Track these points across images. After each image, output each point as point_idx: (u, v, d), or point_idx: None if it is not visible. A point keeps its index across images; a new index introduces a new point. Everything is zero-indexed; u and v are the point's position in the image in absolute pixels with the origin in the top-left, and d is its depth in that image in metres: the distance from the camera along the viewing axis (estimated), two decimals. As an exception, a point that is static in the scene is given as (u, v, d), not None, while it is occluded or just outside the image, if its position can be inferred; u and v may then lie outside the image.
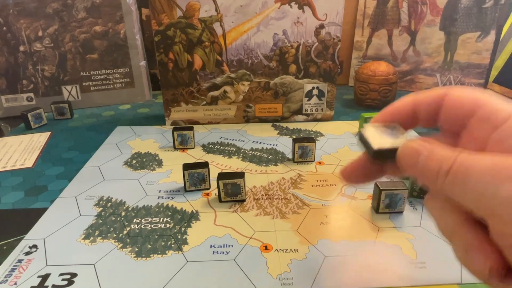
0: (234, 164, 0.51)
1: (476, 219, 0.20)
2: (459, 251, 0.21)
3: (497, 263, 0.18)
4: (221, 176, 0.41)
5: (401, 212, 0.40)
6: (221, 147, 0.56)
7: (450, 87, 0.24)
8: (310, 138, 0.51)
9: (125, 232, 0.38)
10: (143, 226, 0.39)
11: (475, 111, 0.21)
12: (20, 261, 0.34)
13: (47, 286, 0.31)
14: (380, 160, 0.24)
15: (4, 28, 0.69)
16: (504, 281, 0.19)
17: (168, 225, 0.39)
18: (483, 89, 0.21)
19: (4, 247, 0.36)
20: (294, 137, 0.57)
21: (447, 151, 0.20)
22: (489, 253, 0.19)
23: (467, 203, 0.19)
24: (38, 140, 0.61)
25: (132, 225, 0.39)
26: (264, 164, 0.51)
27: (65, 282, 0.32)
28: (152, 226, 0.39)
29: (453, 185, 0.19)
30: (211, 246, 0.36)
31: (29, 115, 0.64)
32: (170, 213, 0.41)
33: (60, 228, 0.39)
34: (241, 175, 0.41)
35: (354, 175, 0.28)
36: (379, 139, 0.24)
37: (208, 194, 0.44)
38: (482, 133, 0.21)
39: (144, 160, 0.53)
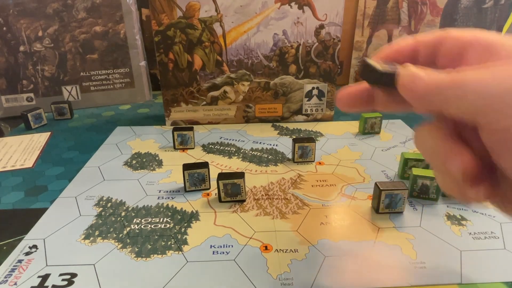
0: (234, 164, 0.51)
1: (455, 133, 0.22)
2: (439, 166, 0.23)
3: (470, 163, 0.20)
4: (221, 176, 0.41)
5: (401, 212, 0.40)
6: (221, 147, 0.56)
7: (449, 29, 0.25)
8: (310, 138, 0.51)
9: (125, 232, 0.38)
10: (143, 226, 0.39)
11: (473, 44, 0.23)
12: (20, 261, 0.34)
13: (47, 286, 0.31)
14: (381, 85, 0.26)
15: (4, 28, 0.69)
16: (473, 185, 0.21)
17: (168, 225, 0.39)
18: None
19: (4, 247, 0.36)
20: (294, 137, 0.57)
21: (442, 71, 0.21)
22: (464, 155, 0.21)
23: (462, 110, 0.20)
24: (38, 140, 0.61)
25: (132, 225, 0.39)
26: (264, 164, 0.51)
27: (65, 282, 0.32)
28: (152, 226, 0.39)
29: (451, 97, 0.20)
30: (211, 246, 0.36)
31: (29, 115, 0.64)
32: (170, 213, 0.41)
33: (60, 228, 0.39)
34: (241, 175, 0.41)
35: (348, 98, 0.29)
36: (382, 66, 0.25)
37: (208, 194, 0.44)
38: (480, 62, 0.22)
39: (144, 160, 0.53)
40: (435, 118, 0.25)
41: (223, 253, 0.35)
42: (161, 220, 0.40)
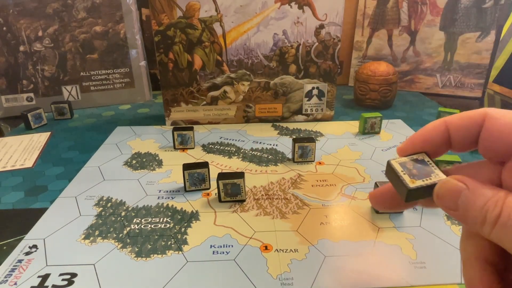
0: (234, 164, 0.51)
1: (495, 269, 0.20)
2: None
3: None
4: (221, 176, 0.41)
5: (401, 212, 0.40)
6: (221, 147, 0.56)
7: (487, 109, 0.21)
8: (310, 138, 0.51)
9: (125, 232, 0.38)
10: (143, 226, 0.39)
11: None
12: (20, 261, 0.34)
13: (47, 286, 0.31)
14: (414, 199, 0.22)
15: (4, 28, 0.69)
16: None
17: (168, 225, 0.39)
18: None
19: (4, 247, 0.36)
20: (294, 137, 0.57)
21: (490, 192, 0.18)
22: None
23: (507, 244, 0.17)
24: (38, 140, 0.61)
25: (132, 225, 0.39)
26: (264, 164, 0.51)
27: (65, 282, 0.32)
28: (152, 226, 0.39)
29: (502, 234, 0.17)
30: (211, 246, 0.36)
31: (29, 115, 0.64)
32: (170, 213, 0.41)
33: (60, 228, 0.39)
34: (240, 175, 0.41)
35: (382, 200, 0.26)
36: (411, 175, 0.22)
37: (208, 194, 0.44)
38: None
39: (144, 160, 0.53)
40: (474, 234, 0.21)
41: (223, 253, 0.35)
42: (161, 220, 0.40)
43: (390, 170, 0.23)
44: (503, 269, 0.21)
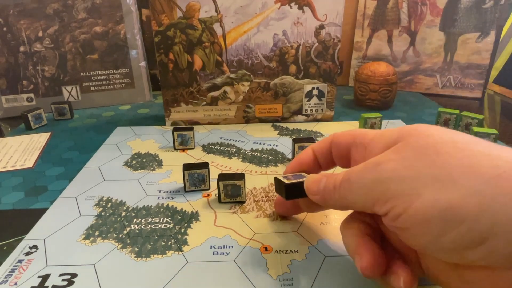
0: (234, 164, 0.51)
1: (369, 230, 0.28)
2: (351, 254, 0.28)
3: (369, 261, 0.25)
4: (221, 177, 0.41)
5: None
6: (221, 148, 0.56)
7: (335, 133, 0.31)
8: (310, 139, 0.51)
9: (125, 232, 0.38)
10: (143, 227, 0.39)
11: (352, 143, 0.29)
12: (20, 261, 0.34)
13: (47, 286, 0.31)
14: (292, 196, 0.31)
15: (5, 28, 0.70)
16: (383, 276, 0.26)
17: (168, 226, 0.39)
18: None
19: (4, 248, 0.36)
20: (294, 137, 0.57)
21: (337, 174, 0.27)
22: (364, 255, 0.25)
23: (352, 200, 0.26)
24: (38, 140, 0.61)
25: (132, 226, 0.39)
26: (264, 165, 0.51)
27: (65, 283, 0.32)
28: (152, 226, 0.39)
29: (344, 190, 0.26)
30: (211, 246, 0.36)
31: (29, 115, 0.64)
32: (170, 214, 0.41)
33: (60, 229, 0.39)
34: (241, 176, 0.41)
35: (280, 208, 0.38)
36: (287, 179, 0.31)
37: (208, 195, 0.44)
38: (360, 155, 0.28)
39: (144, 160, 0.53)
40: (351, 214, 0.30)
41: (223, 253, 0.35)
42: (161, 220, 0.40)
43: (276, 182, 0.32)
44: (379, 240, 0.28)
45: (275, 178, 0.31)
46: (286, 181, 0.30)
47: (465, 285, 0.23)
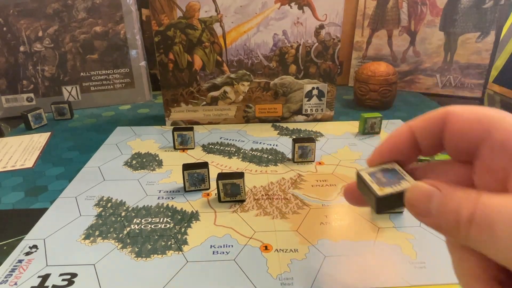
0: (234, 164, 0.51)
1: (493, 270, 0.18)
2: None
3: None
4: (221, 176, 0.41)
5: (401, 212, 0.40)
6: (221, 148, 0.56)
7: (448, 107, 0.20)
8: (310, 138, 0.51)
9: (125, 232, 0.38)
10: (143, 226, 0.39)
11: (485, 137, 0.18)
12: (20, 261, 0.34)
13: (47, 286, 0.31)
14: (386, 208, 0.21)
15: (5, 28, 0.69)
16: None
17: (168, 225, 0.39)
18: (488, 107, 0.19)
19: (4, 247, 0.36)
20: (294, 137, 0.57)
21: (463, 194, 0.16)
22: None
23: (493, 254, 0.16)
24: (38, 140, 0.61)
25: (132, 225, 0.39)
26: (264, 164, 0.51)
27: (65, 282, 0.32)
28: (152, 226, 0.39)
29: (478, 236, 0.16)
30: (211, 246, 0.36)
31: (29, 115, 0.64)
32: (170, 213, 0.41)
33: (60, 229, 0.39)
34: (240, 175, 0.41)
35: (352, 198, 0.25)
36: (380, 183, 0.21)
37: (208, 194, 0.44)
38: (500, 163, 0.17)
39: (144, 160, 0.53)
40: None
41: (223, 253, 0.35)
42: (161, 220, 0.40)
43: (360, 181, 0.22)
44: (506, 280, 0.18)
45: (358, 174, 0.22)
46: (378, 192, 0.20)
47: None
